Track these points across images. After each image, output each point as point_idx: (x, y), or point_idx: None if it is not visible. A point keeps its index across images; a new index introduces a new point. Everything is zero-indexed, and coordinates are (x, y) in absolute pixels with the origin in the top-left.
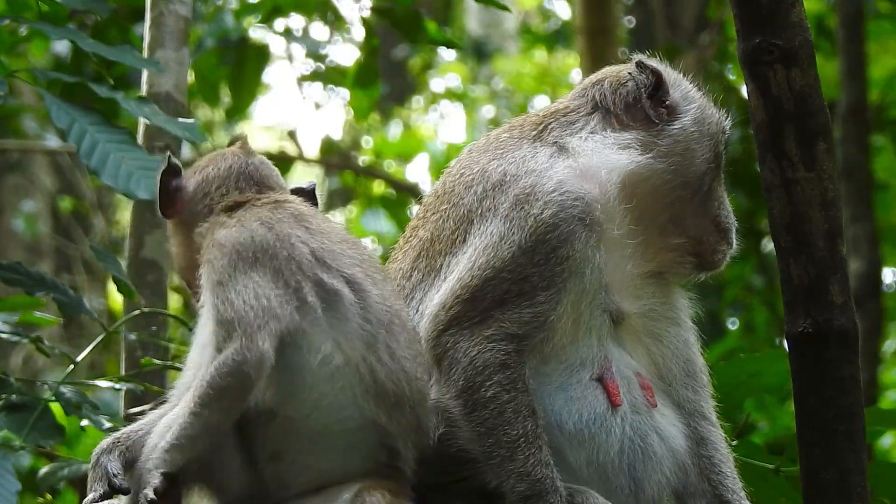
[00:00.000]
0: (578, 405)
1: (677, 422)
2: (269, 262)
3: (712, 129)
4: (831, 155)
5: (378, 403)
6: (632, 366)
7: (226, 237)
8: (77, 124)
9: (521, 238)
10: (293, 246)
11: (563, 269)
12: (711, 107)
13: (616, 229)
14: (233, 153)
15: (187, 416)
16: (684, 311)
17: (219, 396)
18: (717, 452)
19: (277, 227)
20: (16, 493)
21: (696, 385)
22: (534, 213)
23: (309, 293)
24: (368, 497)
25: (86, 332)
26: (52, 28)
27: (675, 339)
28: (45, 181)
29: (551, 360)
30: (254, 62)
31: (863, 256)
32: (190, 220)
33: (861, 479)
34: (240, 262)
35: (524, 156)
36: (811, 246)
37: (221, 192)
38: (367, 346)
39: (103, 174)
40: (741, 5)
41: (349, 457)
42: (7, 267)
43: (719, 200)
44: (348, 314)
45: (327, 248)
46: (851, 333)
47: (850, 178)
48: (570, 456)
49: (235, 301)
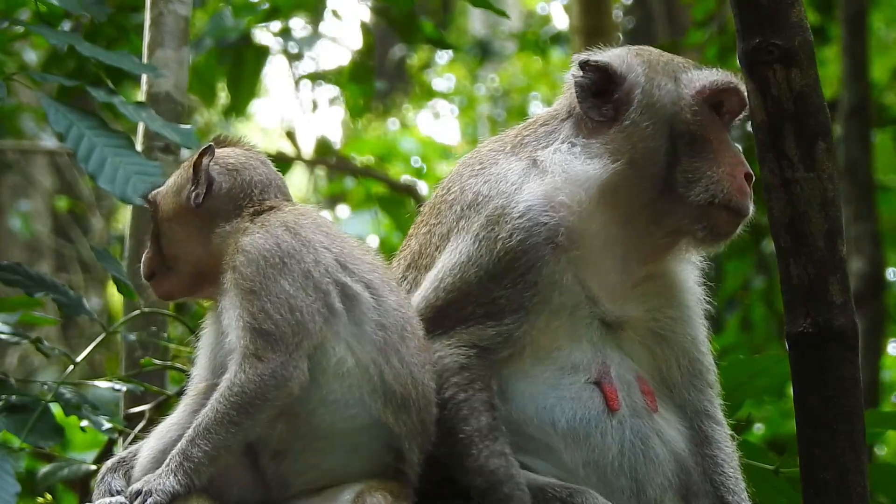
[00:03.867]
0: (572, 405)
1: (679, 425)
2: (297, 266)
3: (665, 109)
4: (831, 154)
5: (385, 404)
6: (633, 370)
7: (252, 244)
8: (75, 128)
9: (489, 262)
10: (317, 251)
11: (533, 293)
12: (662, 82)
13: (595, 242)
14: (263, 161)
15: (224, 425)
16: (694, 307)
17: (261, 409)
18: (721, 452)
19: (301, 232)
20: (15, 494)
21: (702, 384)
22: (502, 237)
23: (335, 298)
24: (369, 498)
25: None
26: (50, 31)
27: (682, 338)
28: (44, 181)
29: (541, 362)
30: (252, 62)
31: (865, 256)
32: (211, 216)
33: (861, 479)
34: (269, 269)
35: (498, 174)
36: (811, 246)
37: (258, 199)
38: (380, 350)
39: (100, 178)
40: (741, 5)
41: (353, 456)
42: (7, 267)
43: (701, 173)
44: (365, 318)
45: (348, 253)
46: (851, 333)
47: (852, 177)
48: (565, 455)
49: (273, 314)
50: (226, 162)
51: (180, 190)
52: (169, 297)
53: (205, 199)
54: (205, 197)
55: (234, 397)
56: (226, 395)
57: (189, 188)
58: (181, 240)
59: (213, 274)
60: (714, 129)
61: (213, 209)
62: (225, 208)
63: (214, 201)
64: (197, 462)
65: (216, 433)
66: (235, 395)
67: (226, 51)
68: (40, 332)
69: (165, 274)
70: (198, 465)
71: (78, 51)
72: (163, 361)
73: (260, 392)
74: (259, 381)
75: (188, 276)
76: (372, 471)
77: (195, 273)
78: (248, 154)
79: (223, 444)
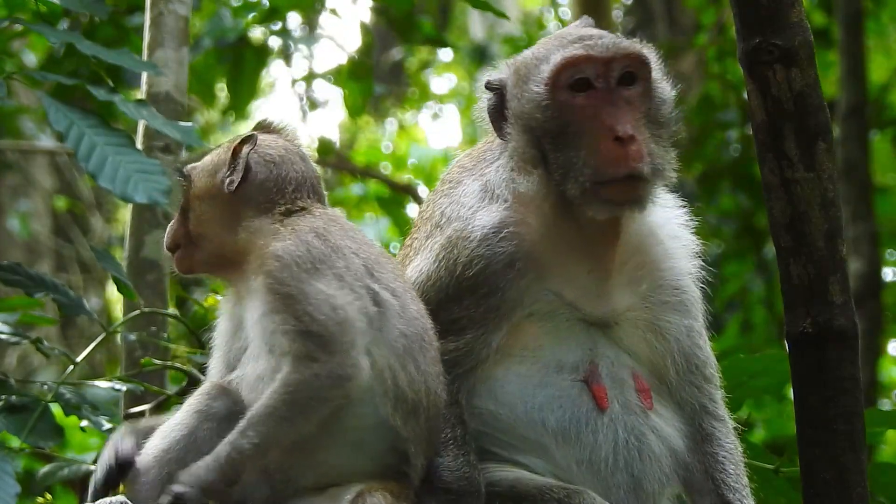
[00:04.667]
0: (561, 403)
1: (677, 422)
2: (329, 271)
3: (524, 115)
4: (831, 155)
5: (396, 407)
6: (629, 367)
7: (284, 250)
8: (75, 127)
9: (449, 284)
10: (347, 257)
11: (496, 315)
12: (522, 88)
13: (556, 255)
14: (303, 156)
15: (277, 422)
16: (689, 292)
17: (318, 408)
18: (722, 449)
19: (331, 238)
20: (15, 495)
21: (700, 379)
22: (462, 262)
23: (369, 302)
24: (370, 497)
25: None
26: (50, 30)
27: (677, 330)
28: (43, 181)
29: (525, 362)
30: (252, 62)
31: (863, 256)
32: (242, 204)
33: (860, 479)
34: (302, 274)
35: (460, 195)
36: (811, 246)
37: (290, 196)
38: (398, 356)
39: (101, 178)
40: (741, 5)
41: (359, 455)
42: (6, 268)
43: (567, 165)
44: (390, 325)
45: (374, 260)
46: (851, 333)
47: (851, 177)
48: (557, 454)
49: (316, 315)
50: (265, 153)
51: (216, 171)
52: (188, 272)
53: (238, 187)
54: (239, 184)
55: (287, 394)
56: (278, 390)
57: (224, 172)
58: (209, 220)
59: (235, 261)
60: (571, 112)
61: (245, 198)
62: (256, 199)
63: (248, 190)
64: (245, 455)
65: (266, 426)
66: (288, 392)
67: (225, 51)
68: (40, 332)
69: (189, 249)
70: (244, 458)
71: (78, 50)
72: (163, 361)
73: (316, 391)
74: (315, 380)
75: (210, 255)
76: (376, 471)
77: (218, 254)
78: (290, 147)
79: (272, 439)
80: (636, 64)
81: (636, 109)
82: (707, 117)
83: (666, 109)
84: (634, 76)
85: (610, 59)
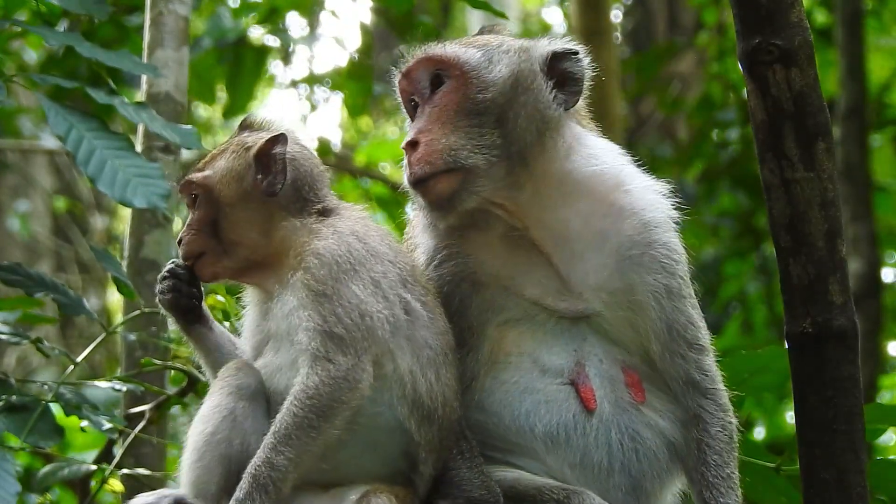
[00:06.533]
0: (548, 408)
1: (671, 410)
2: (368, 274)
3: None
4: (831, 155)
5: (411, 411)
6: (618, 360)
7: (326, 248)
8: (74, 130)
9: None
10: (384, 263)
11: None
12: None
13: (494, 259)
14: (311, 150)
15: (304, 430)
16: (658, 247)
17: (337, 411)
18: (706, 434)
19: (370, 242)
20: (16, 494)
21: (684, 346)
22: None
23: (400, 310)
24: (374, 499)
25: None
26: (49, 32)
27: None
28: (43, 181)
29: (509, 369)
30: (252, 62)
31: (862, 256)
32: (278, 207)
33: (860, 478)
34: (341, 274)
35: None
36: (811, 246)
37: (319, 193)
38: (421, 364)
39: (100, 181)
40: (741, 5)
41: (371, 456)
42: (7, 268)
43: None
44: (418, 335)
45: (409, 270)
46: (851, 333)
47: (850, 177)
48: (548, 459)
49: (344, 318)
50: (295, 151)
51: (241, 175)
52: (213, 279)
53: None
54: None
55: (310, 400)
56: (301, 398)
57: (253, 175)
58: (244, 225)
59: (266, 263)
60: None
61: (281, 200)
62: (290, 199)
63: (284, 190)
64: (283, 470)
65: (298, 438)
66: (311, 398)
67: (224, 51)
68: (39, 332)
69: (218, 256)
70: (284, 474)
71: (77, 51)
72: (163, 361)
73: (334, 394)
74: (332, 383)
75: (243, 260)
76: (384, 474)
77: (250, 258)
78: (304, 145)
79: (305, 450)
80: (438, 66)
81: (447, 108)
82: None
83: (484, 96)
84: (441, 77)
85: (408, 71)
